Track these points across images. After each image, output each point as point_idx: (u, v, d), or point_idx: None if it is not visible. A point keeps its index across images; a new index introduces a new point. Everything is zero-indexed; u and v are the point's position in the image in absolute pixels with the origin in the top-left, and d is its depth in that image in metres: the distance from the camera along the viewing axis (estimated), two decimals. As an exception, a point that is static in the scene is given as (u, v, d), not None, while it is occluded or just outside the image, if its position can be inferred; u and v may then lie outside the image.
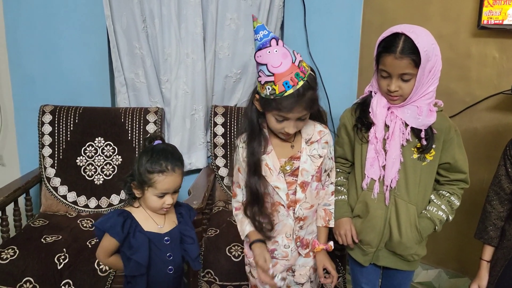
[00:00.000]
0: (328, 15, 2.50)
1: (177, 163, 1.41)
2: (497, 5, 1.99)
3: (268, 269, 1.35)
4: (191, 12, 2.34)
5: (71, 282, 1.89)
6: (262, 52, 1.26)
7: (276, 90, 1.24)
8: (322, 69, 2.51)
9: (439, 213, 1.50)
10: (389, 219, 1.50)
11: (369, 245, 1.55)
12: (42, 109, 2.39)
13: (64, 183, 2.37)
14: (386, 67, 1.38)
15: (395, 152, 1.45)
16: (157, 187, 1.38)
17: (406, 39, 1.32)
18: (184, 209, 1.55)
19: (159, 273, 1.46)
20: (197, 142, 2.54)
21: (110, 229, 1.40)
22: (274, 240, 1.46)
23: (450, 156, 1.48)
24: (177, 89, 2.46)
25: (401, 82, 1.38)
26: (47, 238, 2.05)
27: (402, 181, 1.47)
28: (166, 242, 1.46)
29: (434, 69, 1.37)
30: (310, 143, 1.42)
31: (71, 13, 2.43)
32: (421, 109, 1.41)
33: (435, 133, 1.44)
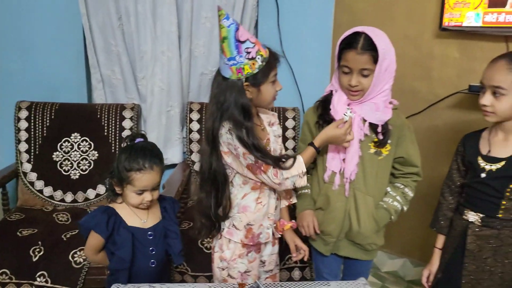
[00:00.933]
0: (301, 15, 2.58)
1: (155, 161, 1.45)
2: (457, 8, 2.10)
3: None
4: (166, 11, 2.40)
5: (46, 274, 1.94)
6: (241, 31, 1.37)
7: (263, 54, 1.39)
8: (295, 67, 2.60)
9: (395, 203, 1.60)
10: (348, 211, 1.59)
11: (329, 235, 1.64)
12: (18, 105, 2.42)
13: (41, 178, 2.41)
14: (348, 63, 1.48)
15: (354, 146, 1.54)
16: (135, 185, 1.42)
17: (366, 37, 1.44)
18: (168, 203, 1.60)
19: (141, 267, 1.50)
20: (173, 137, 2.60)
21: (95, 227, 1.44)
22: (260, 223, 1.53)
23: (404, 151, 1.58)
24: (153, 86, 2.51)
25: (361, 77, 1.48)
26: (23, 231, 2.10)
27: (360, 174, 1.57)
28: (149, 237, 1.50)
29: (389, 68, 1.49)
30: (271, 125, 1.56)
31: (46, 10, 2.46)
32: (378, 106, 1.52)
33: (391, 128, 1.54)
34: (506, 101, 1.33)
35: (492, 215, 1.42)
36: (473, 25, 2.06)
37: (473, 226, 1.46)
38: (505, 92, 1.32)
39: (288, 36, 2.58)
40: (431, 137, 2.34)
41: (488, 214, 1.43)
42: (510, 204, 1.39)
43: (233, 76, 1.39)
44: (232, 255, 1.54)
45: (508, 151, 1.40)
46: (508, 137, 1.41)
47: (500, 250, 1.42)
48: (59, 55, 2.52)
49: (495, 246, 1.42)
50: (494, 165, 1.41)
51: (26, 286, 1.95)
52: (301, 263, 2.06)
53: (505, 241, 1.41)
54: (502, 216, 1.40)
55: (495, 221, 1.42)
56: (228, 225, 1.53)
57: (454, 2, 2.10)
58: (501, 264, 1.42)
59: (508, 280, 1.42)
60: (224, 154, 1.45)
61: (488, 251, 1.43)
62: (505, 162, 1.39)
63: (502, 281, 1.43)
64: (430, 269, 1.62)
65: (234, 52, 1.36)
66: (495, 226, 1.42)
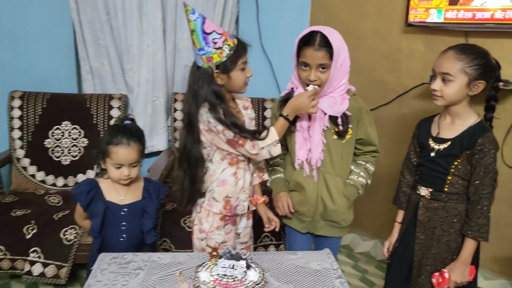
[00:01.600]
0: (279, 11, 2.75)
1: (134, 139, 1.61)
2: (421, 5, 2.26)
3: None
4: (151, 6, 2.55)
5: (38, 250, 2.10)
6: (207, 23, 1.51)
7: (230, 43, 1.52)
8: (274, 60, 2.76)
9: (360, 179, 1.77)
10: (320, 193, 1.75)
11: (304, 215, 1.80)
12: (11, 94, 2.57)
13: (33, 164, 2.56)
14: (307, 59, 1.60)
15: (317, 136, 1.69)
16: (112, 158, 1.59)
17: (321, 35, 1.57)
18: (153, 187, 1.74)
19: (111, 239, 1.66)
20: (158, 126, 2.76)
21: (77, 195, 1.62)
22: (237, 196, 1.68)
23: (363, 133, 1.74)
24: (140, 77, 2.67)
25: (319, 72, 1.61)
26: (16, 212, 2.24)
27: (328, 159, 1.72)
28: (122, 213, 1.66)
29: (344, 64, 1.62)
30: (245, 108, 1.71)
31: (38, 4, 2.60)
32: (336, 100, 1.67)
33: (350, 115, 1.69)
34: (453, 86, 1.50)
35: (440, 189, 1.59)
36: (436, 21, 2.23)
37: (424, 200, 1.64)
38: (452, 79, 1.49)
39: (267, 30, 2.75)
40: (400, 125, 2.52)
41: (436, 188, 1.60)
42: (454, 179, 1.57)
43: (204, 65, 1.54)
44: (210, 227, 1.70)
45: (453, 133, 1.57)
46: (454, 121, 1.59)
47: (446, 221, 1.59)
48: (50, 48, 2.67)
49: (442, 217, 1.60)
50: (441, 145, 1.58)
51: (20, 261, 2.11)
52: (276, 240, 2.23)
53: (450, 212, 1.59)
54: (448, 190, 1.58)
55: (441, 195, 1.59)
56: (208, 198, 1.68)
57: (418, 0, 2.27)
58: (447, 233, 1.60)
59: (453, 247, 1.60)
60: (205, 132, 1.59)
61: (436, 221, 1.61)
62: (450, 143, 1.56)
63: (448, 248, 1.60)
64: (390, 240, 1.79)
65: (202, 43, 1.51)
66: (442, 199, 1.59)
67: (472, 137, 1.52)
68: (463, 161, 1.54)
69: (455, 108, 1.57)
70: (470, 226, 1.54)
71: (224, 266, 1.28)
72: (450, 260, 1.59)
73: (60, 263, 2.10)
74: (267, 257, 1.56)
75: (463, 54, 1.48)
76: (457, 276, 1.54)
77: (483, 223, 1.53)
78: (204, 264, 1.34)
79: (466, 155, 1.53)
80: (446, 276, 1.55)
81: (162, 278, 1.39)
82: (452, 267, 1.56)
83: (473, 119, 1.56)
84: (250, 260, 1.35)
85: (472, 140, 1.51)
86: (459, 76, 1.49)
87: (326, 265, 1.52)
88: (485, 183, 1.52)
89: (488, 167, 1.51)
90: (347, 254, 2.82)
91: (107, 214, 1.65)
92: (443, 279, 1.56)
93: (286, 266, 1.50)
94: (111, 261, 1.48)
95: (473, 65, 1.48)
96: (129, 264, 1.47)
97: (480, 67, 1.48)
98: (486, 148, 1.50)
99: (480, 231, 1.53)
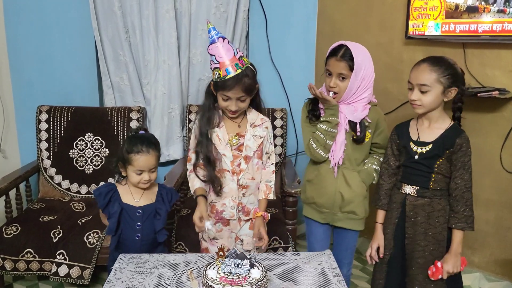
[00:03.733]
0: (287, 26, 2.90)
1: (152, 146, 1.78)
2: (420, 19, 2.38)
3: (201, 223, 1.72)
4: (167, 25, 2.73)
5: (64, 253, 2.27)
6: (212, 46, 1.68)
7: (220, 74, 1.67)
8: (282, 72, 2.91)
9: (373, 166, 1.93)
10: (338, 187, 1.89)
11: (323, 207, 1.95)
12: (39, 109, 2.77)
13: (59, 173, 2.75)
14: (329, 67, 1.81)
15: (341, 137, 1.86)
16: (134, 165, 1.75)
17: (346, 49, 1.76)
18: (166, 192, 1.89)
19: (128, 238, 1.81)
20: (174, 136, 2.92)
21: (98, 196, 1.79)
22: (223, 202, 1.82)
23: (380, 139, 1.92)
24: (156, 90, 2.84)
25: (338, 80, 1.79)
26: (44, 217, 2.43)
27: (347, 157, 1.88)
28: (137, 214, 1.81)
29: (366, 78, 1.80)
30: (253, 126, 1.83)
31: (63, 25, 2.81)
32: (356, 109, 1.84)
33: (370, 122, 1.86)
34: (430, 95, 1.66)
35: (425, 186, 1.73)
36: (434, 33, 2.34)
37: (410, 197, 1.77)
38: (429, 89, 1.65)
39: (276, 44, 2.89)
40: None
41: (422, 186, 1.74)
42: (438, 177, 1.71)
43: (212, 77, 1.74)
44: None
45: (433, 136, 1.72)
46: (431, 125, 1.74)
47: (432, 215, 1.73)
48: (74, 65, 2.86)
49: (428, 212, 1.73)
50: (424, 148, 1.72)
51: (48, 263, 2.29)
52: (284, 243, 2.36)
53: (435, 208, 1.72)
54: (433, 187, 1.72)
55: (427, 192, 1.73)
56: None
57: (417, 14, 2.39)
58: (433, 226, 1.73)
59: (439, 239, 1.73)
60: None
61: (422, 216, 1.74)
62: (432, 145, 1.71)
63: (435, 240, 1.74)
64: (379, 243, 1.88)
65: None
66: (427, 196, 1.73)
67: (450, 138, 1.68)
68: (444, 160, 1.69)
69: (432, 113, 1.72)
70: (458, 219, 1.68)
71: (229, 265, 1.42)
72: (438, 252, 1.73)
73: (84, 265, 2.27)
74: (271, 257, 1.69)
75: (436, 66, 1.65)
76: (450, 267, 1.68)
77: (469, 214, 1.69)
78: (212, 263, 1.48)
79: (446, 154, 1.68)
80: (438, 266, 1.70)
81: (175, 276, 1.54)
82: (446, 259, 1.70)
83: (447, 122, 1.73)
84: (254, 259, 1.48)
85: (451, 140, 1.67)
86: (435, 86, 1.65)
87: (326, 265, 1.64)
88: (466, 178, 1.68)
89: (466, 164, 1.68)
90: (356, 257, 2.91)
91: (123, 215, 1.80)
92: (436, 268, 1.70)
93: (288, 265, 1.62)
94: (129, 261, 1.64)
95: (446, 75, 1.64)
96: (145, 263, 1.63)
97: (452, 76, 1.65)
98: (464, 147, 1.67)
99: (467, 222, 1.68)
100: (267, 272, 1.45)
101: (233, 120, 1.80)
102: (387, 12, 2.60)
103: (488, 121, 2.33)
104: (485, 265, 2.46)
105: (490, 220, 2.40)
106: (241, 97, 1.71)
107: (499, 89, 2.21)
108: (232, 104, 1.72)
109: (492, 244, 2.43)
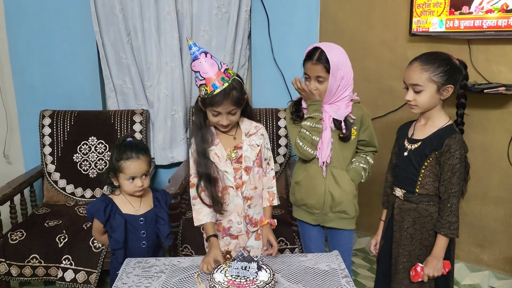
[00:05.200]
0: (289, 25, 2.88)
1: (141, 152, 1.75)
2: (424, 16, 2.36)
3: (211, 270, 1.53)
4: (169, 27, 2.72)
5: (70, 258, 2.26)
6: (195, 63, 1.63)
7: (207, 90, 1.60)
8: (285, 72, 2.89)
9: (361, 165, 1.91)
10: (328, 187, 1.88)
11: (313, 207, 1.93)
12: (42, 113, 2.76)
13: (63, 177, 2.74)
14: (307, 71, 1.80)
15: (327, 135, 1.84)
16: (125, 172, 1.73)
17: (321, 51, 1.75)
18: (161, 194, 1.88)
19: (134, 247, 1.79)
20: (177, 138, 2.91)
21: (95, 213, 1.76)
22: (229, 219, 1.78)
23: (366, 136, 1.91)
24: (159, 93, 2.83)
25: (317, 83, 1.79)
26: (49, 222, 2.42)
27: (335, 156, 1.87)
28: (140, 222, 1.79)
29: (345, 78, 1.78)
30: (248, 135, 1.78)
31: (65, 29, 2.80)
32: (339, 107, 1.84)
33: (354, 118, 1.85)
34: (424, 95, 1.61)
35: (412, 190, 1.69)
36: (438, 30, 2.32)
37: (398, 200, 1.74)
38: (422, 88, 1.60)
39: (279, 44, 2.88)
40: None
41: (408, 190, 1.70)
42: (424, 180, 1.66)
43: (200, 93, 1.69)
44: None
45: (424, 133, 1.67)
46: (427, 122, 1.69)
47: (418, 221, 1.69)
48: (76, 69, 2.86)
49: (414, 217, 1.70)
50: (414, 145, 1.69)
51: (54, 269, 2.28)
52: (291, 244, 2.34)
53: (422, 213, 1.68)
54: (419, 191, 1.68)
55: (413, 196, 1.69)
56: None
57: (420, 11, 2.36)
58: (419, 232, 1.69)
59: (426, 245, 1.69)
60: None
61: (408, 221, 1.71)
62: (421, 143, 1.67)
63: (422, 245, 1.70)
64: (376, 238, 1.89)
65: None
66: (414, 200, 1.69)
67: (440, 138, 1.62)
68: (432, 161, 1.63)
69: (429, 112, 1.68)
70: (442, 224, 1.62)
71: (237, 268, 1.40)
72: (424, 257, 1.69)
73: (90, 269, 2.26)
74: (279, 259, 1.68)
75: (428, 64, 1.59)
76: (429, 270, 1.64)
77: (453, 220, 1.61)
78: (219, 266, 1.46)
79: (435, 155, 1.62)
80: (418, 270, 1.66)
81: (182, 280, 1.53)
82: (426, 262, 1.66)
83: (443, 121, 1.66)
84: (262, 262, 1.46)
85: (440, 141, 1.61)
86: (428, 85, 1.59)
87: (334, 266, 1.62)
88: (453, 182, 1.60)
89: (454, 167, 1.59)
90: (363, 257, 2.90)
91: (127, 226, 1.77)
92: (415, 272, 1.67)
93: (296, 267, 1.61)
94: (136, 265, 1.63)
95: (438, 73, 1.58)
96: (151, 267, 1.61)
97: (445, 73, 1.58)
98: (453, 148, 1.59)
99: (451, 228, 1.61)
100: (274, 275, 1.43)
101: (227, 133, 1.76)
102: (390, 10, 2.58)
103: (495, 118, 2.31)
104: (494, 263, 2.44)
105: (499, 217, 2.37)
106: (231, 110, 1.66)
107: (505, 85, 2.18)
108: (223, 119, 1.67)
109: (501, 242, 2.40)
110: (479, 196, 2.42)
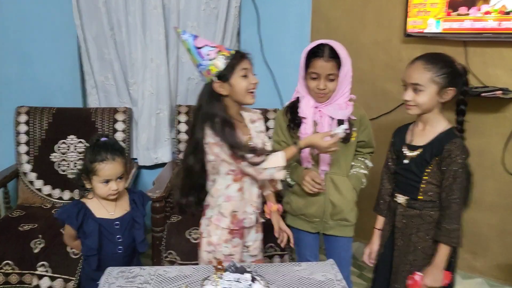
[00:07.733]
0: (280, 23, 2.79)
1: (117, 153, 1.63)
2: (419, 16, 2.30)
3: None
4: (154, 21, 2.60)
5: (46, 264, 2.12)
6: (198, 39, 1.56)
7: (226, 54, 1.54)
8: (275, 71, 2.80)
9: (361, 171, 1.86)
10: (328, 195, 1.81)
11: (313, 216, 1.86)
12: (17, 110, 2.61)
13: (40, 178, 2.59)
14: (316, 69, 1.71)
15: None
16: (99, 175, 1.61)
17: (330, 48, 1.69)
18: (137, 196, 1.77)
19: (109, 253, 1.68)
20: (162, 138, 2.79)
21: (67, 219, 1.64)
22: (244, 210, 1.70)
23: (365, 136, 1.86)
24: (144, 90, 2.71)
25: (327, 81, 1.71)
26: (24, 226, 2.27)
27: (335, 160, 1.81)
28: (116, 227, 1.68)
29: (348, 74, 1.74)
30: (252, 122, 1.72)
31: (43, 22, 2.65)
32: (341, 105, 1.77)
33: (355, 119, 1.79)
34: (424, 95, 1.55)
35: (414, 197, 1.63)
36: (434, 31, 2.26)
37: (401, 207, 1.68)
38: (422, 88, 1.54)
39: (269, 42, 2.79)
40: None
41: (411, 196, 1.64)
42: (428, 187, 1.60)
43: (207, 79, 1.58)
44: (218, 240, 1.71)
45: (424, 140, 1.61)
46: (425, 127, 1.63)
47: (422, 228, 1.62)
48: (55, 63, 2.71)
49: (418, 224, 1.63)
50: (414, 152, 1.63)
51: (28, 276, 2.13)
52: (280, 250, 2.25)
53: (425, 220, 1.62)
54: (422, 198, 1.62)
55: (416, 203, 1.63)
56: (216, 213, 1.70)
57: (416, 11, 2.30)
58: (423, 239, 1.63)
59: (429, 253, 1.62)
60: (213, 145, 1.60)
61: (412, 228, 1.64)
62: (422, 150, 1.61)
63: (425, 255, 1.63)
64: (371, 247, 1.81)
65: (199, 58, 1.55)
66: (417, 207, 1.63)
67: (440, 143, 1.56)
68: (434, 168, 1.58)
69: (427, 115, 1.62)
70: (441, 232, 1.56)
71: (229, 280, 1.30)
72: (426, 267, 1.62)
73: (68, 277, 2.11)
74: (272, 269, 1.58)
75: (431, 64, 1.53)
76: (429, 280, 1.57)
77: (453, 228, 1.55)
78: (210, 278, 1.36)
79: (436, 161, 1.57)
80: (416, 279, 1.58)
81: (169, 292, 1.42)
82: (426, 271, 1.59)
83: (443, 126, 1.60)
84: (255, 273, 1.37)
85: (440, 146, 1.56)
86: (429, 86, 1.53)
87: (330, 276, 1.54)
88: (454, 188, 1.54)
89: (456, 173, 1.54)
90: (352, 263, 2.82)
91: (101, 231, 1.66)
92: (414, 281, 1.59)
93: (291, 277, 1.52)
94: (118, 275, 1.50)
95: (441, 74, 1.52)
96: (135, 278, 1.49)
97: (448, 75, 1.53)
98: (453, 154, 1.54)
99: (450, 236, 1.55)
100: (269, 287, 1.34)
101: (237, 120, 1.68)
102: (385, 9, 2.51)
103: (490, 122, 2.26)
104: (487, 270, 2.39)
105: (492, 224, 2.33)
106: (252, 68, 1.61)
107: (502, 88, 2.14)
108: (253, 77, 1.60)
109: (494, 249, 2.36)
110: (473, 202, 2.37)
